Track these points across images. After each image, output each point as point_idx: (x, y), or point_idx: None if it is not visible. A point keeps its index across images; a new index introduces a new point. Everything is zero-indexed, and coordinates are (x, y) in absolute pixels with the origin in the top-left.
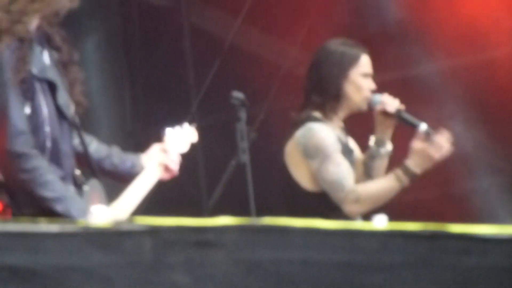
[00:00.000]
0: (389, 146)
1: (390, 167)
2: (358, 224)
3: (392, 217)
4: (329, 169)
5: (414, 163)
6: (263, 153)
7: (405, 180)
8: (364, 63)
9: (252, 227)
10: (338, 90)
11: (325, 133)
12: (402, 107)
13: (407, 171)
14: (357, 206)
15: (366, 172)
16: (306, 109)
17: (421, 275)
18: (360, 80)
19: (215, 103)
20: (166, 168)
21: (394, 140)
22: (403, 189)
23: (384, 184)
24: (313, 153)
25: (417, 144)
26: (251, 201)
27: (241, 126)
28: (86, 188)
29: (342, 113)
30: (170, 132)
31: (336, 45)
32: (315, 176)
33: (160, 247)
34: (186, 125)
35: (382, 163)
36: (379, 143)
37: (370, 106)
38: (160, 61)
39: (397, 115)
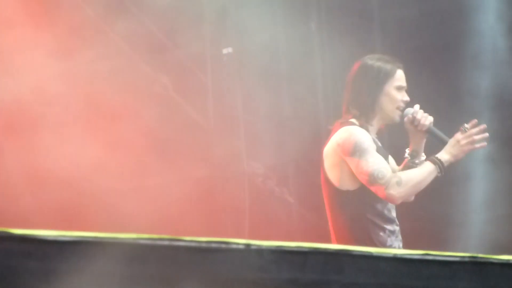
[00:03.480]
0: (423, 157)
1: None
2: None
3: None
4: (369, 160)
5: (445, 151)
6: None
7: (440, 164)
8: (399, 77)
9: None
10: (374, 102)
11: (361, 132)
12: (430, 120)
13: (439, 157)
14: (399, 188)
15: None
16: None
17: None
18: (394, 92)
19: None
20: None
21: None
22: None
23: (422, 168)
24: (351, 150)
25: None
26: None
27: None
28: None
29: (376, 125)
30: None
31: (373, 60)
32: (356, 172)
33: None
34: None
35: None
36: (414, 155)
37: (403, 119)
38: None
39: (426, 129)
